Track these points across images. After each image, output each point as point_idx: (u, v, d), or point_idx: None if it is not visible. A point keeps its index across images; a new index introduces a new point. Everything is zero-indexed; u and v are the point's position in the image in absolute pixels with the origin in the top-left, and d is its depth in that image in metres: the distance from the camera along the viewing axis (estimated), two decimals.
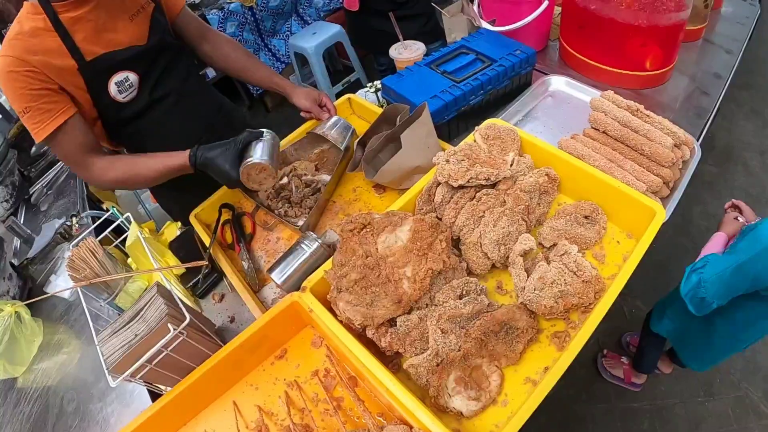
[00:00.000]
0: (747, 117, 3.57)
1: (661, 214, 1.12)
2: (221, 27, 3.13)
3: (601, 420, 2.12)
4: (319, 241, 1.22)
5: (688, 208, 1.52)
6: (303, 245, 1.22)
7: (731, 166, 3.18)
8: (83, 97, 1.27)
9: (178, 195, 1.61)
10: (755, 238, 1.16)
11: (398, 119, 1.32)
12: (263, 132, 1.27)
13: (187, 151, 1.26)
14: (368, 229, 1.07)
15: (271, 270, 1.20)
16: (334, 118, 1.53)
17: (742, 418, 2.10)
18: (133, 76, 1.33)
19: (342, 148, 1.46)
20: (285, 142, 1.59)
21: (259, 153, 1.22)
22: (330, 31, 3.40)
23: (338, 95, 1.88)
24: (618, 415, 2.13)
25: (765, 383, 2.20)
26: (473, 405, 0.96)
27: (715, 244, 1.36)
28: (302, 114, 1.61)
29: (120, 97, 1.33)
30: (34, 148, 2.34)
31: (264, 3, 3.30)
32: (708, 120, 1.70)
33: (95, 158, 1.30)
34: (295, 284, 1.17)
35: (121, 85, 1.32)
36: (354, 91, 1.89)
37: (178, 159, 1.27)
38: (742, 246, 1.20)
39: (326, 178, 1.51)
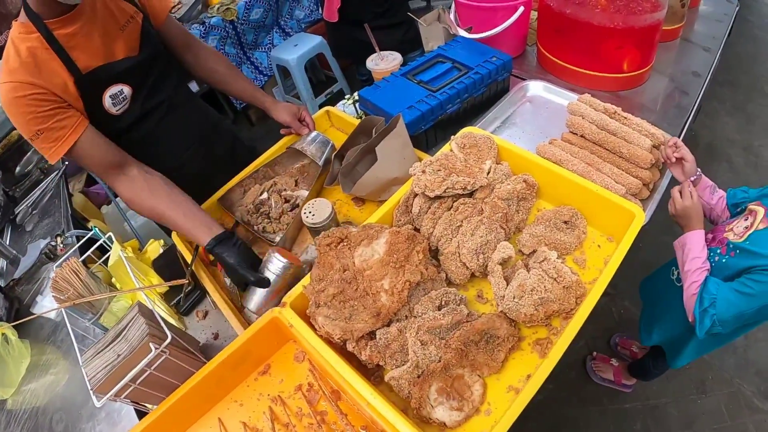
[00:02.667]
0: (729, 114, 3.59)
1: (641, 217, 1.13)
2: (202, 41, 3.11)
3: (593, 423, 2.11)
4: (284, 261, 1.19)
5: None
6: (268, 272, 1.19)
7: (715, 164, 3.19)
8: (79, 111, 1.26)
9: None
10: None
11: (374, 131, 1.33)
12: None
13: (207, 237, 1.22)
14: (345, 243, 1.07)
15: (245, 303, 1.21)
16: (313, 134, 1.53)
17: (736, 413, 2.10)
18: (126, 89, 1.34)
19: (320, 163, 1.46)
20: (264, 158, 1.60)
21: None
22: (311, 43, 3.39)
23: (321, 106, 1.88)
24: (610, 417, 2.12)
25: (757, 378, 2.20)
26: (456, 415, 0.96)
27: (695, 247, 1.26)
28: (282, 131, 1.62)
29: (114, 110, 1.33)
30: (18, 168, 2.33)
31: (245, 16, 3.30)
32: (687, 119, 1.71)
33: (119, 182, 1.29)
34: (271, 306, 1.16)
35: (116, 98, 1.32)
36: (337, 102, 1.90)
37: (200, 238, 1.23)
38: (760, 289, 1.12)
39: (305, 193, 1.50)
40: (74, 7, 1.18)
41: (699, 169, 1.32)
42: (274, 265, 1.19)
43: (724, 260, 1.23)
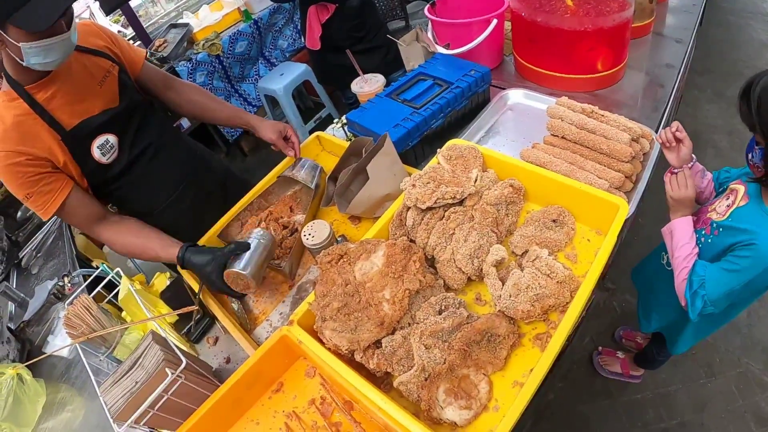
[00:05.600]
0: (710, 100, 3.66)
1: (624, 208, 1.17)
2: (191, 77, 3.20)
3: (605, 416, 2.13)
4: (262, 230, 1.33)
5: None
6: (254, 238, 1.30)
7: (701, 150, 3.23)
8: (72, 167, 1.34)
9: None
10: (758, 256, 1.14)
11: (363, 151, 1.38)
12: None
13: (177, 249, 1.34)
14: (345, 259, 1.11)
15: (234, 267, 1.25)
16: (302, 160, 1.59)
17: (747, 392, 2.12)
18: (112, 138, 1.40)
19: (312, 186, 1.51)
20: (256, 190, 1.64)
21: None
22: (297, 71, 3.46)
23: (311, 131, 1.94)
24: (622, 409, 2.14)
25: (764, 355, 2.22)
26: (466, 414, 0.99)
27: (684, 235, 1.30)
28: (272, 147, 1.67)
29: (104, 159, 1.40)
30: (20, 213, 2.37)
31: (230, 50, 3.39)
32: (664, 110, 1.76)
33: (102, 228, 1.42)
34: (263, 267, 1.29)
35: (103, 147, 1.39)
36: (327, 126, 1.95)
37: (168, 254, 1.36)
38: (745, 264, 1.16)
39: (301, 218, 1.55)
40: (50, 72, 1.26)
41: (694, 156, 1.33)
42: (255, 233, 1.31)
43: (709, 240, 1.27)
